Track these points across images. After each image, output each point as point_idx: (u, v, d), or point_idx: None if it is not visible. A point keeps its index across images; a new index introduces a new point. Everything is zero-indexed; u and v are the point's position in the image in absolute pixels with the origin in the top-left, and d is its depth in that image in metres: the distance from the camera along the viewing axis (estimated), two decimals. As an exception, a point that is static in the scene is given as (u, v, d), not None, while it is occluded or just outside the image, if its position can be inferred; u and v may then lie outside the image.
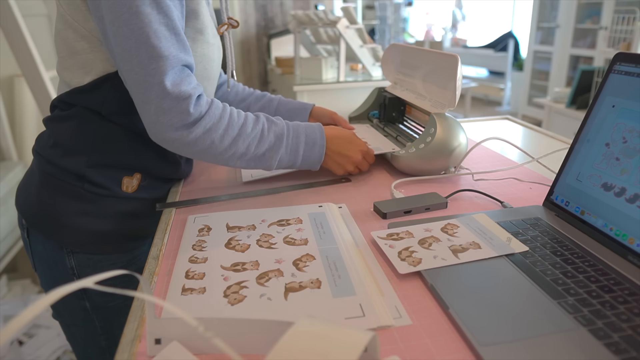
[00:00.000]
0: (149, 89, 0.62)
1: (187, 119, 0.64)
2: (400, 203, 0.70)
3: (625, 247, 0.53)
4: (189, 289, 0.51)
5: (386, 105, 1.02)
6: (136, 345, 0.43)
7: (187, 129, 0.64)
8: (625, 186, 0.55)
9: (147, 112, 0.64)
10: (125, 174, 0.75)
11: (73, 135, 0.71)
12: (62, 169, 0.72)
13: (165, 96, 0.62)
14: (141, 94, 0.63)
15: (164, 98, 0.62)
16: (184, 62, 0.64)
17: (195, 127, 0.65)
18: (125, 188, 0.75)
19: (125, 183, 0.75)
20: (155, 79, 0.61)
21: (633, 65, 0.58)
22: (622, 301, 0.45)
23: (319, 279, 0.52)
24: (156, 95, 0.62)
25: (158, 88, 0.61)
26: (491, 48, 6.10)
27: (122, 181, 0.74)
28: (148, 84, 0.61)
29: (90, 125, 0.71)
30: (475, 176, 0.84)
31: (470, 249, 0.56)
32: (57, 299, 0.30)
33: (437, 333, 0.43)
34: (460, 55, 0.80)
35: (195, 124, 0.65)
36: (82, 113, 0.70)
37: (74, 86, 0.70)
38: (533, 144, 1.07)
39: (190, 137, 0.65)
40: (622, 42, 3.32)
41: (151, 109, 0.63)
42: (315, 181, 0.82)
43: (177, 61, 0.62)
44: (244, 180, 0.84)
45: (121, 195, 0.75)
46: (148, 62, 0.60)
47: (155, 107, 0.62)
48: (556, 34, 4.51)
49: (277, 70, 2.96)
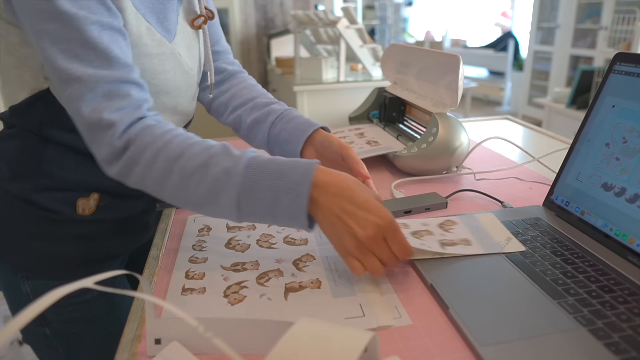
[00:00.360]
0: (74, 117, 0.53)
1: (113, 151, 0.52)
2: (400, 203, 0.70)
3: (625, 247, 0.53)
4: (189, 289, 0.51)
5: (386, 105, 1.02)
6: (136, 345, 0.43)
7: (115, 161, 0.52)
8: (625, 186, 0.55)
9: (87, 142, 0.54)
10: (80, 196, 0.65)
11: (16, 158, 0.63)
12: (9, 193, 0.64)
13: (87, 126, 0.52)
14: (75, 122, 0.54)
15: (86, 129, 0.52)
16: (113, 79, 0.51)
17: (121, 159, 0.52)
18: (82, 211, 0.66)
19: (80, 205, 0.66)
20: (72, 106, 0.52)
21: (633, 65, 0.58)
22: (622, 301, 0.45)
23: (319, 279, 0.52)
24: (80, 126, 0.53)
25: (78, 117, 0.52)
26: (491, 48, 6.10)
27: (77, 204, 0.65)
28: (70, 111, 0.53)
29: (32, 147, 0.62)
30: (476, 176, 0.84)
31: (459, 245, 0.57)
32: (58, 298, 0.30)
33: (437, 333, 0.43)
34: (460, 55, 0.80)
35: (121, 156, 0.52)
36: (23, 134, 0.62)
37: (10, 104, 0.62)
38: (533, 144, 1.07)
39: (117, 170, 0.53)
40: (622, 42, 3.32)
41: (86, 140, 0.54)
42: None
43: (98, 81, 0.50)
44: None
45: (77, 219, 0.66)
46: (62, 87, 0.51)
47: (86, 138, 0.53)
48: (556, 34, 4.50)
49: (277, 70, 2.97)
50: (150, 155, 0.51)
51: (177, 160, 0.51)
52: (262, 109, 0.75)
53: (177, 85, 0.66)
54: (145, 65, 0.60)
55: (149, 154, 0.51)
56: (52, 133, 0.62)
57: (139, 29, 0.58)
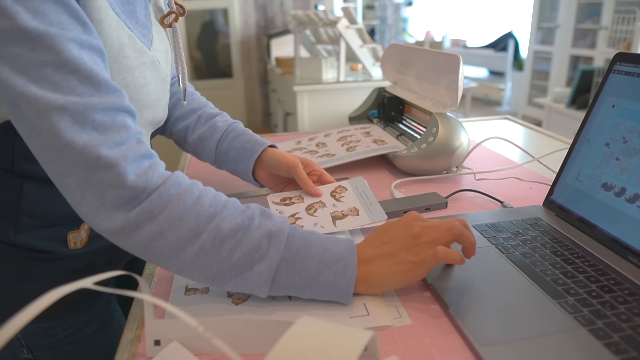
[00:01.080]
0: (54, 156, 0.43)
1: (123, 194, 0.43)
2: (400, 203, 0.70)
3: (625, 247, 0.53)
4: (192, 289, 0.51)
5: (385, 104, 1.02)
6: (136, 345, 0.43)
7: (126, 208, 0.44)
8: (625, 186, 0.55)
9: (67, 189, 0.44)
10: (70, 229, 0.60)
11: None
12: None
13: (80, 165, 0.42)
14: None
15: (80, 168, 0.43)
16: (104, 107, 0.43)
17: (136, 206, 0.44)
18: (73, 245, 0.60)
19: (72, 239, 0.60)
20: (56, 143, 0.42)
21: (633, 65, 0.58)
22: (622, 301, 0.45)
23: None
24: (68, 165, 0.43)
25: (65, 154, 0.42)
26: (491, 48, 6.10)
27: (67, 238, 0.60)
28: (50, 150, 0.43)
29: (7, 184, 0.55)
30: (476, 176, 0.84)
31: (349, 216, 0.62)
32: (58, 298, 0.30)
33: (437, 333, 0.43)
34: (460, 55, 0.80)
35: (137, 203, 0.44)
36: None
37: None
38: (533, 144, 1.07)
39: (125, 220, 0.44)
40: (622, 42, 3.32)
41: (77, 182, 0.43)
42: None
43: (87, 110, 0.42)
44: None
45: (70, 254, 0.61)
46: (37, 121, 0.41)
47: (78, 180, 0.43)
48: (556, 34, 4.50)
49: (277, 70, 2.97)
50: (177, 211, 0.44)
51: (210, 221, 0.45)
52: (206, 124, 0.73)
53: (157, 96, 0.59)
54: (127, 80, 0.53)
55: (175, 210, 0.44)
56: (26, 167, 0.54)
57: (120, 40, 0.50)
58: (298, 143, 1.01)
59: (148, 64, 0.55)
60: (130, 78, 0.53)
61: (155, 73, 0.58)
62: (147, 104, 0.57)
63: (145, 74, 0.55)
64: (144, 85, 0.55)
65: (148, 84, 0.56)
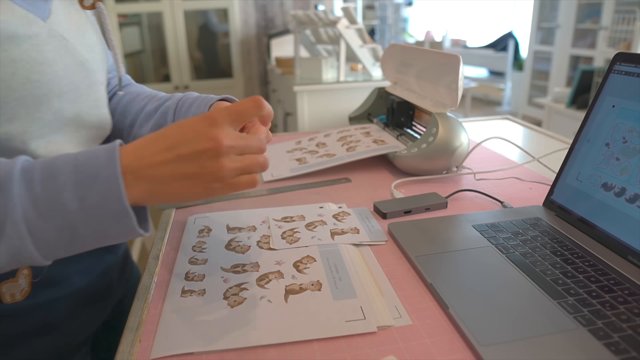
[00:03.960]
0: None
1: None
2: (400, 203, 0.70)
3: (625, 247, 0.53)
4: (189, 291, 0.51)
5: (394, 109, 0.98)
6: (136, 346, 0.43)
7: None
8: (625, 186, 0.55)
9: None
10: (3, 279, 0.48)
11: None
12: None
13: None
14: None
15: None
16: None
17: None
18: (10, 297, 0.48)
19: (6, 291, 0.48)
20: None
21: (633, 65, 0.58)
22: (622, 301, 0.45)
23: (319, 281, 0.52)
24: None
25: None
26: (491, 48, 6.10)
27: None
28: None
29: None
30: (476, 176, 0.84)
31: (349, 233, 0.62)
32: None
33: (437, 333, 0.43)
34: (460, 55, 0.80)
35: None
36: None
37: None
38: (533, 144, 1.07)
39: None
40: (622, 42, 3.32)
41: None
42: (314, 182, 0.82)
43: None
44: (264, 180, 0.84)
45: (8, 311, 0.48)
46: None
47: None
48: (556, 34, 4.50)
49: (277, 70, 2.96)
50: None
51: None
52: (156, 113, 0.61)
53: (73, 82, 0.49)
54: (13, 54, 0.43)
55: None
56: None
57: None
58: (298, 143, 1.01)
59: (45, 36, 0.46)
60: (17, 51, 0.43)
61: (62, 52, 0.48)
62: (57, 90, 0.47)
63: (44, 49, 0.46)
64: (42, 62, 0.45)
65: (52, 63, 0.46)
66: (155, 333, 0.44)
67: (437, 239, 0.59)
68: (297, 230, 0.63)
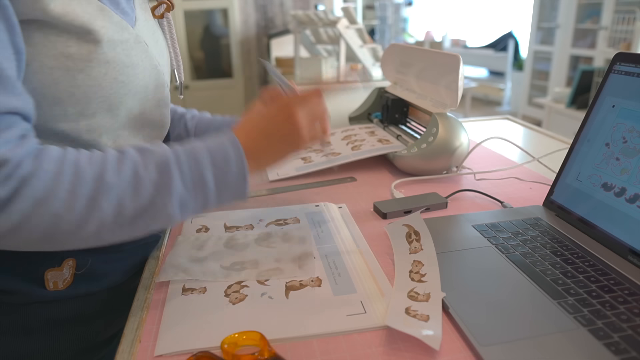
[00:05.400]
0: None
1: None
2: (400, 203, 0.70)
3: (625, 247, 0.53)
4: (190, 289, 0.51)
5: (389, 106, 1.01)
6: (136, 345, 0.43)
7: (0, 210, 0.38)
8: (625, 186, 0.55)
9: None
10: (48, 266, 0.50)
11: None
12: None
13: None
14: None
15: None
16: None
17: (11, 202, 0.38)
18: (53, 285, 0.51)
19: (50, 278, 0.50)
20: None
21: (633, 65, 0.58)
22: (622, 301, 0.45)
23: (319, 278, 0.52)
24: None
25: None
26: (491, 48, 6.10)
27: (44, 277, 0.50)
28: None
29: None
30: (476, 176, 0.84)
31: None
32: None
33: (437, 333, 0.43)
34: (460, 55, 0.80)
35: (11, 199, 0.38)
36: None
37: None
38: (533, 144, 1.07)
39: (9, 221, 0.38)
40: (622, 42, 3.32)
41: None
42: (319, 181, 0.82)
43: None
44: (270, 179, 0.84)
45: (48, 297, 0.51)
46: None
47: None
48: (556, 34, 4.50)
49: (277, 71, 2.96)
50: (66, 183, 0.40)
51: (101, 182, 0.42)
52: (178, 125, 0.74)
53: (146, 84, 0.54)
54: (108, 56, 0.48)
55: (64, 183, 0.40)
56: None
57: (85, 9, 0.45)
58: None
59: (132, 42, 0.51)
60: (112, 53, 0.48)
61: (143, 56, 0.53)
62: (133, 90, 0.52)
63: (131, 53, 0.50)
64: (128, 65, 0.50)
65: (135, 66, 0.51)
66: (155, 333, 0.44)
67: (437, 239, 0.58)
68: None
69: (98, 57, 0.47)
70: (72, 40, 0.45)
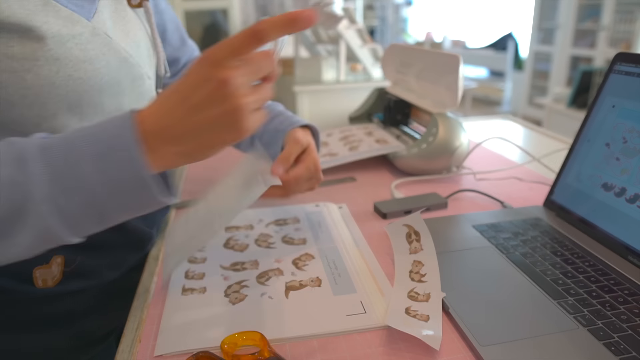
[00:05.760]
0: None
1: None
2: (400, 203, 0.70)
3: (625, 247, 0.53)
4: (189, 289, 0.51)
5: (391, 107, 1.00)
6: (136, 345, 0.43)
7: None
8: (625, 186, 0.55)
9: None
10: (37, 264, 0.50)
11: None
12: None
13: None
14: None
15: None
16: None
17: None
18: (42, 283, 0.50)
19: (39, 276, 0.50)
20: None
21: (633, 65, 0.58)
22: (622, 301, 0.45)
23: (319, 278, 0.52)
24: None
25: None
26: (491, 48, 6.10)
27: (33, 275, 0.50)
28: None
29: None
30: (476, 176, 0.84)
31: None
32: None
33: (437, 333, 0.43)
34: (460, 55, 0.80)
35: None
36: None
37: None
38: (533, 144, 1.07)
39: None
40: (622, 42, 3.32)
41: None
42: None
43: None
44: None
45: (37, 295, 0.50)
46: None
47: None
48: (556, 34, 4.50)
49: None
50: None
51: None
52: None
53: (116, 78, 0.50)
54: (57, 53, 0.44)
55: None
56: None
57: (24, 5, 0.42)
58: None
59: (88, 35, 0.47)
60: (61, 50, 0.44)
61: (105, 49, 0.49)
62: (96, 87, 0.48)
63: (87, 47, 0.47)
64: (84, 60, 0.46)
65: (93, 61, 0.47)
66: (155, 333, 0.44)
67: (437, 239, 0.58)
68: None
69: (45, 55, 0.43)
70: (14, 40, 0.41)
